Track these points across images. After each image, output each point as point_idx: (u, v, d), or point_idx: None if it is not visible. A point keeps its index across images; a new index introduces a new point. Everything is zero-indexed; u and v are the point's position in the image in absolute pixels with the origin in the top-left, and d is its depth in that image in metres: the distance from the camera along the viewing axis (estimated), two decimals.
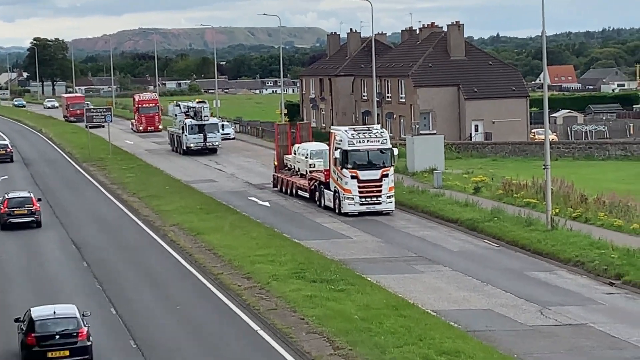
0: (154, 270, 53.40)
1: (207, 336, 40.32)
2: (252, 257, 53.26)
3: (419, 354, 35.54)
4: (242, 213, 70.03)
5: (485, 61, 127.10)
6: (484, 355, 35.47)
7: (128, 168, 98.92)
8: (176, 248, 58.46)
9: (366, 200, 63.91)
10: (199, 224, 64.69)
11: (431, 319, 40.93)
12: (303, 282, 47.17)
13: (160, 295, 47.55)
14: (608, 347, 37.77)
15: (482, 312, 43.05)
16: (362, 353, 36.05)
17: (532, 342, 38.38)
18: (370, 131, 65.87)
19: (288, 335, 39.23)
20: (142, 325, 41.49)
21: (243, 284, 48.00)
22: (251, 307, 43.93)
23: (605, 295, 46.04)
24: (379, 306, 42.36)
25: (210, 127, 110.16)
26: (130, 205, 75.97)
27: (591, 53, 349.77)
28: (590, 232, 57.53)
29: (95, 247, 59.90)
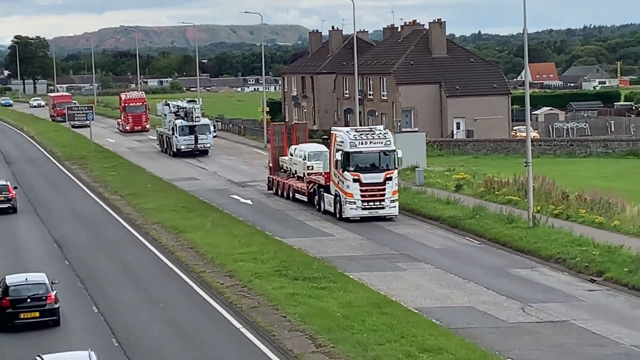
0: (136, 268, 53.38)
1: (190, 334, 40.35)
2: (234, 255, 53.29)
3: (401, 351, 35.61)
4: (224, 211, 70.04)
5: (467, 59, 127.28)
6: (466, 353, 35.53)
7: (110, 166, 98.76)
8: (158, 246, 58.43)
9: (369, 204, 61.13)
10: (181, 222, 64.67)
11: (413, 316, 41.04)
12: (285, 279, 47.23)
13: (142, 294, 47.53)
14: (590, 343, 37.88)
15: (464, 309, 43.13)
16: (345, 350, 36.11)
17: (514, 339, 38.48)
18: (373, 132, 62.88)
19: (270, 333, 39.28)
20: (124, 324, 41.49)
21: (225, 282, 48.03)
22: (233, 305, 43.99)
23: (587, 292, 46.21)
24: (361, 304, 42.42)
25: (201, 128, 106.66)
26: (112, 204, 75.87)
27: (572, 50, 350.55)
28: (571, 229, 57.71)
29: (77, 245, 59.81)
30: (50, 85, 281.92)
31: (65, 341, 38.68)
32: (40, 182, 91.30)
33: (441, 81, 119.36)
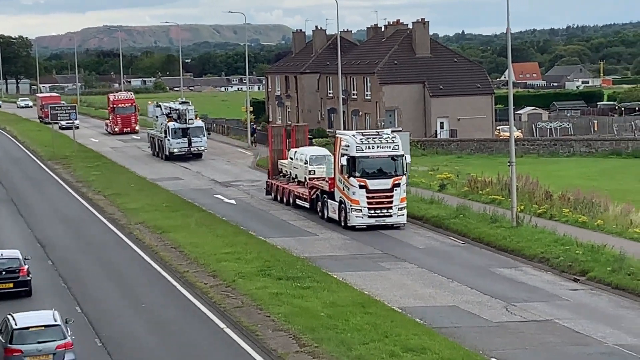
0: (119, 268, 53.20)
1: (173, 334, 40.30)
2: (218, 255, 53.24)
3: (385, 350, 35.66)
4: (208, 211, 69.97)
5: (450, 58, 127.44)
6: (449, 352, 35.60)
7: (93, 166, 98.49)
8: (142, 246, 58.31)
9: (375, 212, 57.44)
10: (165, 221, 64.57)
11: (397, 315, 41.08)
12: (269, 279, 47.22)
13: (126, 294, 47.40)
14: (573, 342, 38.02)
15: (448, 308, 43.15)
16: (328, 350, 36.13)
17: (497, 338, 38.55)
18: (381, 136, 59.05)
19: (254, 333, 39.29)
20: (107, 324, 41.42)
21: (209, 281, 47.99)
22: (217, 305, 43.96)
23: (570, 291, 46.32)
24: (345, 303, 42.45)
25: (195, 130, 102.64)
26: (95, 203, 75.71)
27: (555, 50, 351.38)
28: (555, 229, 57.82)
29: (60, 245, 59.64)
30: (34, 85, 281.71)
31: None
32: (23, 182, 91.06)
33: (425, 81, 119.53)
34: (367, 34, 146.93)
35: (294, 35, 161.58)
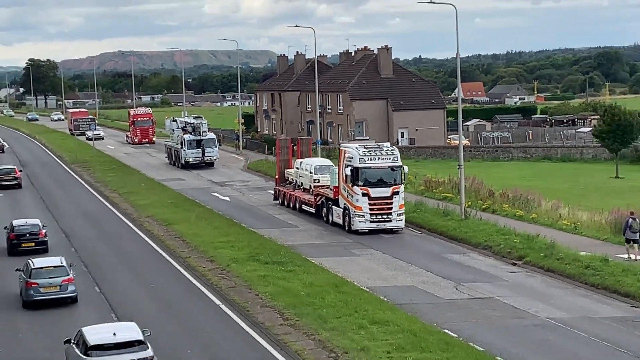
0: (131, 254, 53.14)
1: (176, 310, 40.41)
2: (215, 243, 53.14)
3: (354, 323, 35.70)
4: (206, 206, 69.67)
5: (409, 78, 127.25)
6: (408, 324, 35.63)
7: (109, 169, 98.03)
8: (150, 236, 58.17)
9: (377, 217, 54.54)
10: (170, 215, 64.38)
11: (365, 294, 41.17)
12: (258, 264, 47.17)
13: (137, 276, 47.38)
14: (512, 316, 38.33)
15: (407, 288, 43.33)
16: (307, 323, 36.17)
17: (449, 312, 38.79)
18: (381, 149, 56.23)
19: (245, 309, 39.30)
20: (121, 302, 41.37)
21: (207, 265, 47.94)
22: (214, 285, 43.94)
23: (509, 273, 46.48)
24: (322, 284, 42.43)
25: (208, 142, 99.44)
26: (111, 200, 75.45)
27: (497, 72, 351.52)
28: (496, 221, 57.88)
29: (81, 235, 59.42)
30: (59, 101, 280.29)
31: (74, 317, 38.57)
32: (50, 182, 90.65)
33: (388, 97, 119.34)
34: (340, 58, 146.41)
35: (278, 59, 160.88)
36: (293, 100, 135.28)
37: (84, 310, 39.83)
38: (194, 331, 36.99)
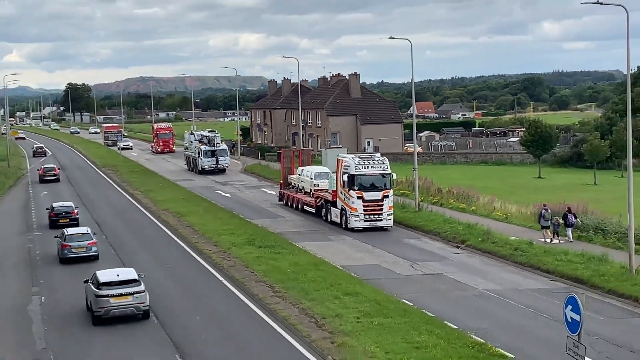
0: (151, 240, 53.02)
1: (187, 284, 40.52)
2: (218, 230, 53.11)
3: (330, 295, 35.75)
4: (211, 201, 69.62)
5: (374, 99, 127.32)
6: (374, 295, 35.74)
7: (133, 172, 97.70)
8: (166, 225, 58.02)
9: (369, 217, 52.09)
10: (182, 208, 64.20)
11: (339, 271, 41.26)
12: (253, 247, 47.20)
13: (156, 258, 47.21)
14: (456, 289, 38.46)
15: (373, 266, 43.48)
16: (293, 295, 36.22)
17: (406, 286, 38.98)
18: (373, 159, 53.61)
19: (243, 283, 39.29)
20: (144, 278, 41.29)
21: (212, 249, 47.89)
22: (217, 265, 43.90)
23: (454, 254, 46.58)
24: (304, 263, 42.50)
25: (221, 152, 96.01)
26: (134, 196, 75.21)
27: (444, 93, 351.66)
28: (444, 213, 58.15)
29: (110, 224, 59.19)
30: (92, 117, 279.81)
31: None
32: (85, 182, 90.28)
33: (357, 114, 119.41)
34: (318, 82, 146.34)
35: (269, 83, 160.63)
36: (281, 116, 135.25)
37: None
38: (202, 302, 37.00)
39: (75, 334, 32.72)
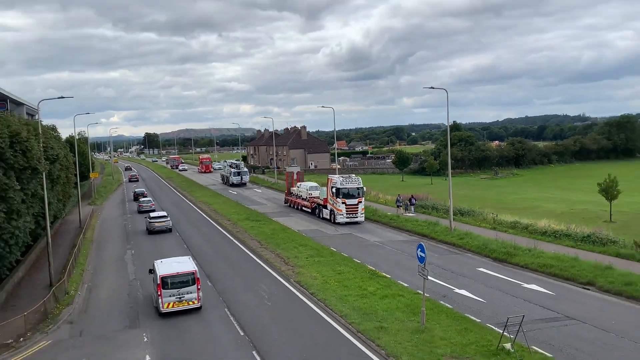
0: (192, 218, 52.29)
1: (212, 242, 39.78)
2: (230, 212, 52.71)
3: (292, 246, 35.85)
4: (226, 196, 69.10)
5: (314, 139, 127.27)
6: (315, 245, 35.91)
7: (183, 180, 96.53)
8: (201, 209, 57.33)
9: (349, 215, 45.49)
10: (210, 200, 63.49)
11: (296, 233, 41.07)
12: (249, 221, 47.02)
13: (194, 227, 46.66)
14: (359, 241, 38.37)
15: (314, 230, 43.14)
16: (271, 246, 36.21)
17: (332, 240, 38.65)
18: (352, 178, 46.49)
19: (243, 241, 39.07)
20: (188, 241, 40.95)
21: (227, 223, 47.53)
22: (230, 230, 43.56)
23: None
24: (277, 229, 42.47)
25: (244, 173, 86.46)
26: (182, 194, 74.25)
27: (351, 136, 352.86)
28: None
29: (169, 209, 58.39)
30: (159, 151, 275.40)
31: (167, 239, 38.04)
32: (156, 188, 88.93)
33: (305, 148, 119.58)
34: (285, 131, 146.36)
35: (257, 132, 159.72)
36: (263, 150, 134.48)
37: (172, 236, 39.32)
38: (219, 250, 36.83)
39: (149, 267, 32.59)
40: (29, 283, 31.36)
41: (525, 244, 33.29)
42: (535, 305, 23.94)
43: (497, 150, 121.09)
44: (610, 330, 20.90)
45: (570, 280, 27.16)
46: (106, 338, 22.35)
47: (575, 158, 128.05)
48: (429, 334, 20.56)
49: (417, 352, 19.16)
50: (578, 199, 66.22)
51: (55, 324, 24.29)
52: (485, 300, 24.80)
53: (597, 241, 33.36)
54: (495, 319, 22.14)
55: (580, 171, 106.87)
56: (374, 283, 27.15)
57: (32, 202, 30.51)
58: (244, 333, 21.95)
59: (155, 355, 20.34)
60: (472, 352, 18.95)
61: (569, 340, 20.11)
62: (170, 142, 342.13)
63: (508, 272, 29.46)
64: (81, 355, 20.83)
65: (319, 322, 22.70)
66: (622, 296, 24.65)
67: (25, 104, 52.93)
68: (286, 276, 29.50)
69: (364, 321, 22.20)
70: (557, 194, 72.84)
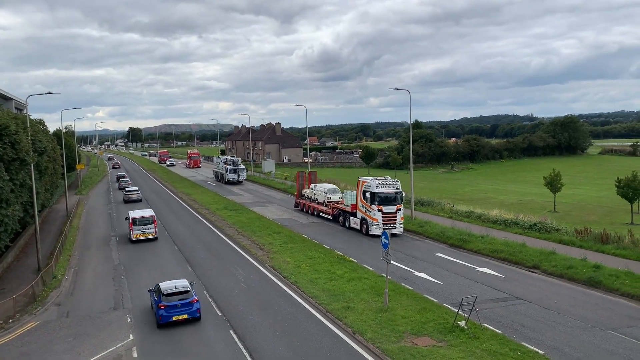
0: (174, 207, 51.72)
1: (190, 229, 39.31)
2: (209, 202, 52.25)
3: (267, 233, 35.71)
4: (205, 187, 68.45)
5: (288, 135, 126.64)
6: (288, 233, 35.82)
7: (167, 173, 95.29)
8: (182, 199, 56.59)
9: (387, 226, 34.84)
10: (190, 191, 62.77)
11: (271, 222, 40.88)
12: (227, 210, 46.69)
13: (176, 216, 46.19)
14: (330, 229, 38.03)
15: (287, 218, 43.08)
16: (247, 233, 36.01)
17: (304, 228, 38.57)
18: (388, 180, 35.63)
19: (221, 229, 38.78)
20: (181, 241, 40.44)
21: (205, 211, 47.11)
22: (208, 219, 43.20)
23: None
24: (253, 218, 42.28)
25: (240, 169, 73.96)
26: (165, 185, 73.16)
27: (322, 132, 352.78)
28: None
29: (151, 199, 57.58)
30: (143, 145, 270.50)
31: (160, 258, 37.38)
32: (137, 178, 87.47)
33: (279, 143, 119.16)
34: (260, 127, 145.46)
35: (235, 127, 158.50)
36: (240, 144, 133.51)
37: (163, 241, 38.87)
38: (199, 237, 36.47)
39: (132, 253, 32.06)
40: (17, 268, 30.60)
41: (479, 232, 33.87)
42: (487, 286, 24.41)
43: (454, 146, 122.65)
44: (553, 309, 21.47)
45: (519, 264, 27.76)
46: (92, 319, 21.97)
47: (524, 154, 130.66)
48: (391, 313, 20.81)
49: (381, 329, 19.38)
50: (526, 191, 67.65)
51: (43, 306, 23.79)
52: (442, 282, 25.18)
53: (542, 229, 34.12)
54: (451, 299, 22.51)
55: (528, 166, 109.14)
56: (342, 267, 27.28)
57: (20, 192, 29.82)
58: (221, 314, 21.84)
59: (138, 334, 20.09)
60: (430, 329, 19.25)
61: (517, 317, 20.59)
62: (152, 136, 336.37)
63: (463, 256, 29.95)
64: (68, 335, 20.45)
65: (291, 303, 22.75)
66: (564, 278, 25.34)
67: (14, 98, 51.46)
68: (261, 261, 29.43)
69: (332, 302, 22.33)
70: (508, 186, 74.26)
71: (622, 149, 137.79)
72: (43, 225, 41.75)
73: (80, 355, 18.44)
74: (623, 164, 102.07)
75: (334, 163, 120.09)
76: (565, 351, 17.57)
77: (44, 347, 19.39)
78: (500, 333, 18.95)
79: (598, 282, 23.92)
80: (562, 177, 51.30)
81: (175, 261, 29.94)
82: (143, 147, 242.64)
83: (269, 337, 19.24)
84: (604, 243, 29.72)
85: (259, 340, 18.99)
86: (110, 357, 18.20)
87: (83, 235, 38.88)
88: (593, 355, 17.23)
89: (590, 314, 20.79)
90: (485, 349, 17.56)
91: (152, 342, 19.42)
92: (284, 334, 19.40)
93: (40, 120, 46.83)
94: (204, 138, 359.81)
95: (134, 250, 33.54)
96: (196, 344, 18.92)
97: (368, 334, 18.99)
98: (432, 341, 18.22)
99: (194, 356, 17.98)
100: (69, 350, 18.99)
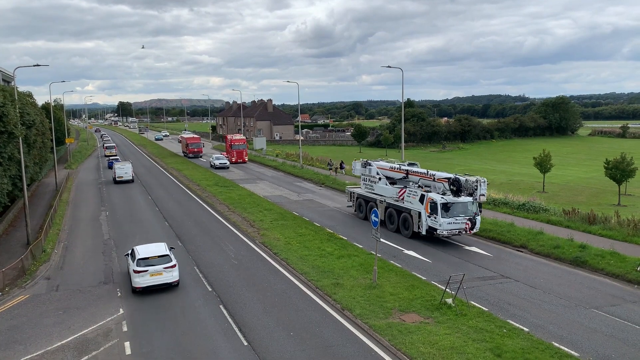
0: (164, 182, 51.57)
1: (182, 205, 39.24)
2: (200, 179, 52.14)
3: (258, 210, 35.72)
4: (196, 164, 68.02)
5: (279, 112, 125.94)
6: (280, 209, 35.87)
7: (174, 160, 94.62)
8: (172, 175, 56.43)
9: None
10: (181, 166, 62.46)
11: (262, 199, 40.92)
12: (217, 187, 46.67)
13: (166, 190, 46.11)
14: (319, 206, 38.35)
15: (279, 196, 43.08)
16: (238, 210, 35.99)
17: (295, 206, 38.64)
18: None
19: (212, 205, 38.78)
20: (171, 217, 40.34)
21: (196, 187, 47.02)
22: (199, 195, 43.19)
23: (319, 190, 46.62)
24: (244, 195, 42.29)
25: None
26: (154, 160, 72.91)
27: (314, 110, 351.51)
28: (314, 169, 57.98)
29: (141, 175, 57.42)
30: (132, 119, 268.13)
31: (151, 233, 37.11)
32: (128, 153, 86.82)
33: (270, 120, 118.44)
34: (252, 103, 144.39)
35: (226, 103, 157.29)
36: (232, 121, 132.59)
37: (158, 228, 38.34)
38: (190, 213, 36.46)
39: (122, 228, 32.02)
40: (6, 241, 30.45)
41: None
42: (475, 265, 24.68)
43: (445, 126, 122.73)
44: (539, 287, 21.78)
45: (507, 244, 28.03)
46: (82, 292, 21.99)
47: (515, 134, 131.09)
48: (379, 290, 21.02)
49: (369, 305, 19.60)
50: (516, 171, 68.06)
51: (32, 280, 23.74)
52: (430, 260, 25.42)
53: (531, 209, 34.41)
54: (439, 277, 22.75)
55: (519, 146, 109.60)
56: (332, 244, 27.44)
57: (9, 165, 29.48)
58: (212, 289, 21.95)
59: (128, 308, 20.17)
60: (418, 306, 19.49)
61: (504, 296, 20.87)
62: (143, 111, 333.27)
63: None
64: (57, 308, 20.47)
65: (281, 279, 22.89)
66: (551, 258, 25.65)
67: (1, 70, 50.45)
68: (252, 237, 29.51)
69: (322, 278, 22.49)
70: (498, 166, 74.65)
71: (611, 130, 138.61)
72: (32, 199, 41.49)
73: (71, 329, 18.47)
74: (612, 146, 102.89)
75: (326, 141, 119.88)
76: (550, 329, 17.87)
77: (34, 320, 19.41)
78: (487, 310, 19.22)
79: (584, 261, 24.21)
80: (552, 157, 51.61)
81: (166, 236, 29.94)
82: (132, 122, 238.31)
83: (259, 312, 19.39)
84: (591, 224, 30.03)
85: (248, 315, 19.15)
86: (101, 331, 18.25)
87: (73, 209, 38.73)
88: (576, 333, 17.53)
89: (575, 293, 21.12)
90: (471, 325, 17.82)
91: (142, 316, 19.51)
92: (274, 309, 19.56)
93: (28, 92, 46.13)
94: (194, 114, 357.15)
95: (125, 225, 33.50)
96: (186, 319, 19.03)
97: (357, 310, 19.20)
98: (420, 318, 18.45)
99: (183, 331, 18.09)
100: (59, 323, 19.02)
